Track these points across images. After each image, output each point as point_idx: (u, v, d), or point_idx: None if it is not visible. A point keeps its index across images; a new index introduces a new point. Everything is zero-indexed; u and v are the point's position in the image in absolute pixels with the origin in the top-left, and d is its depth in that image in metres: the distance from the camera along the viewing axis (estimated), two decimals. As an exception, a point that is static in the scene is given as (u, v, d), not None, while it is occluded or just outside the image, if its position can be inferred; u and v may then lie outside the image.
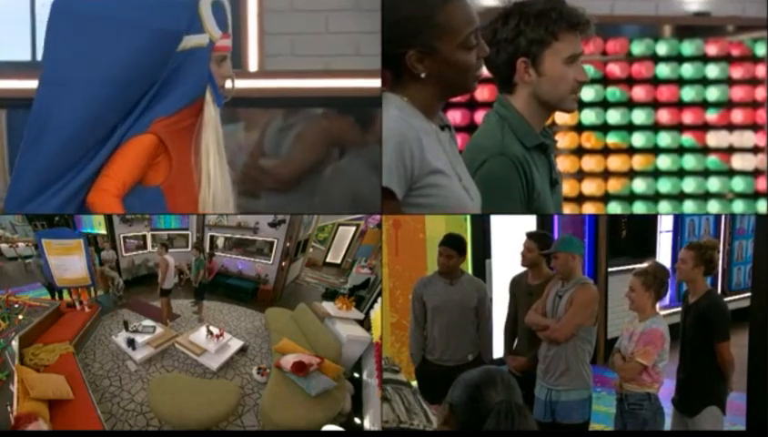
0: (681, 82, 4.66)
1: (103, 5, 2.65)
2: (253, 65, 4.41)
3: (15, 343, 3.98)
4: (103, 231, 6.32)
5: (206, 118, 2.72)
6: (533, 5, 2.27)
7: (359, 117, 4.33)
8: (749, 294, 4.30)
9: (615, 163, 4.64)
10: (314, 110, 4.35)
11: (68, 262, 5.19)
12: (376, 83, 3.93)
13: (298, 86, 4.25)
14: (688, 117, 4.67)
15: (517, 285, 4.00)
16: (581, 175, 4.63)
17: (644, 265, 3.53)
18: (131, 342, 4.66)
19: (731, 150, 4.70)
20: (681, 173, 4.69)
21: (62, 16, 2.63)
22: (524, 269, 3.95)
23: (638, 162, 4.67)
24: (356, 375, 4.37)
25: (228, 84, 2.73)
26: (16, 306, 4.62)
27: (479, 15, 2.04)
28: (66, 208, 2.66)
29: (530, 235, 3.91)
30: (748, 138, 4.69)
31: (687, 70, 4.66)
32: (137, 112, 2.65)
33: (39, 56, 4.02)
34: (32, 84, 2.71)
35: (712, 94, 4.67)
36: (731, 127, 4.70)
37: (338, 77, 4.21)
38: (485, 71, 2.16)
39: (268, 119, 4.36)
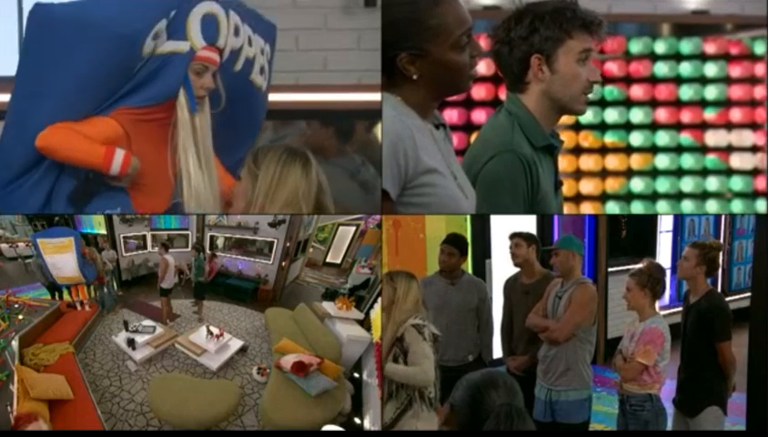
0: (679, 81, 4.66)
1: (74, 8, 2.69)
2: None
3: (15, 343, 3.98)
4: (103, 231, 6.33)
5: (179, 119, 2.74)
6: (547, 4, 2.28)
7: (339, 129, 4.43)
8: (749, 294, 4.30)
9: (613, 162, 4.64)
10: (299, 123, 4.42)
11: (61, 261, 5.19)
12: (347, 97, 4.07)
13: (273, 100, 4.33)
14: (686, 116, 4.67)
15: (511, 286, 4.00)
16: (578, 174, 4.63)
17: (640, 265, 3.54)
18: (131, 342, 4.65)
19: (729, 149, 4.70)
20: (679, 172, 4.68)
21: (41, 20, 2.68)
22: (517, 269, 3.96)
23: (636, 161, 4.66)
24: (356, 375, 4.37)
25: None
26: (16, 306, 4.61)
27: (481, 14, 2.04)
28: (33, 196, 2.69)
29: (513, 235, 3.93)
30: (747, 137, 4.69)
31: (685, 69, 4.66)
32: (103, 107, 2.69)
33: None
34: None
35: (711, 92, 4.67)
36: (729, 126, 4.70)
37: (310, 92, 4.35)
38: (480, 70, 2.15)
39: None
